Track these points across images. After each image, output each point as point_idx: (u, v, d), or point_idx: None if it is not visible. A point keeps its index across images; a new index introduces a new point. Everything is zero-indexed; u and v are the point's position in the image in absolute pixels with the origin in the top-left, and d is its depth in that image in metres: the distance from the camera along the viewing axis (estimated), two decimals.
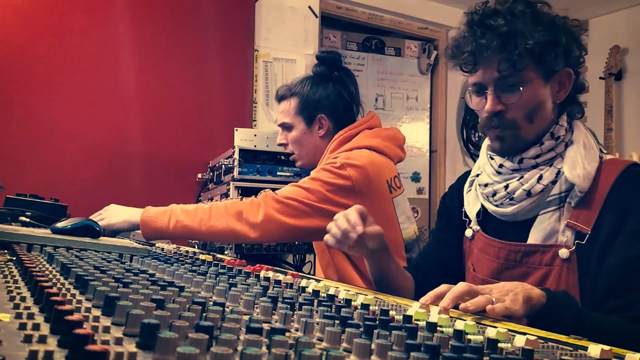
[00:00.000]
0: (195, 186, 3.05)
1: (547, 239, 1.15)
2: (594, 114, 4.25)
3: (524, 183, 1.18)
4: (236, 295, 0.68)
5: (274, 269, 1.10)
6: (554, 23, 1.17)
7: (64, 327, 0.40)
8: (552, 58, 1.15)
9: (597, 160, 1.17)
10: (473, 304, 0.84)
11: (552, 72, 1.18)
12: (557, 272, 1.13)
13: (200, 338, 0.39)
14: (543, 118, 1.19)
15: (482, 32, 1.16)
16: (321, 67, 1.93)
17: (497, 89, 1.18)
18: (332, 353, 0.41)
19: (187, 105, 3.10)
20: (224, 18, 3.24)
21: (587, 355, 0.59)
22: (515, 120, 1.18)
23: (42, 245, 1.11)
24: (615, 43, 4.08)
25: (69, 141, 2.79)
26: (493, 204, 1.24)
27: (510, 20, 1.15)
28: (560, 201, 1.16)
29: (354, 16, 4.11)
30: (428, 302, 0.86)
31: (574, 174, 1.13)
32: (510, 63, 1.14)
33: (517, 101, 1.16)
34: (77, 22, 2.84)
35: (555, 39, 1.15)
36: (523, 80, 1.15)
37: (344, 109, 1.91)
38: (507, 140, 1.20)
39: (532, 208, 1.18)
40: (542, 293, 0.95)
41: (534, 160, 1.19)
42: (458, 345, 0.51)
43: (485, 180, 1.26)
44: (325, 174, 1.66)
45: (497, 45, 1.14)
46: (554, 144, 1.19)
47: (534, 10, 1.17)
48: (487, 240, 1.26)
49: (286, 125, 1.94)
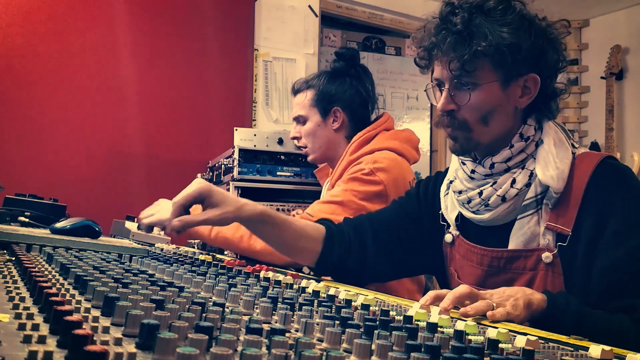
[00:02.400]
0: None
1: (528, 243, 1.13)
2: (595, 114, 4.25)
3: (497, 188, 1.14)
4: (236, 296, 0.67)
5: (273, 269, 1.10)
6: (525, 24, 1.12)
7: (64, 328, 0.40)
8: (514, 62, 1.10)
9: (569, 156, 1.13)
10: (473, 308, 0.83)
11: (514, 76, 1.13)
12: (542, 277, 1.11)
13: (200, 338, 0.39)
14: (500, 122, 1.15)
15: (439, 29, 1.14)
16: (340, 62, 1.96)
17: (451, 87, 1.15)
18: (332, 354, 0.40)
19: (187, 105, 3.10)
20: (223, 18, 3.23)
21: (588, 355, 0.59)
22: (467, 122, 1.15)
23: (41, 245, 1.11)
24: (616, 43, 4.07)
25: (69, 141, 2.79)
26: (469, 210, 1.21)
27: (469, 19, 1.10)
28: (537, 204, 1.13)
29: (354, 15, 4.10)
30: (428, 302, 0.86)
31: (547, 175, 1.10)
32: (461, 63, 1.11)
33: (468, 102, 1.13)
34: (77, 22, 2.84)
35: (517, 43, 1.09)
36: (476, 82, 1.12)
37: (360, 105, 1.93)
38: (459, 140, 1.18)
39: (509, 212, 1.15)
40: (543, 297, 0.94)
41: (506, 164, 1.15)
42: (458, 345, 0.51)
43: (459, 187, 1.23)
44: (356, 184, 1.66)
45: (450, 44, 1.11)
46: (524, 145, 1.15)
47: (505, 8, 1.12)
48: (469, 246, 1.23)
49: (301, 117, 1.96)
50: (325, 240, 1.30)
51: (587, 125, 4.33)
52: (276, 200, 2.44)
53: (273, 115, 3.41)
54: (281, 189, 2.47)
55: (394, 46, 4.47)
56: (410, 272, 1.57)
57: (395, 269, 1.37)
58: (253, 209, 1.20)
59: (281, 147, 2.47)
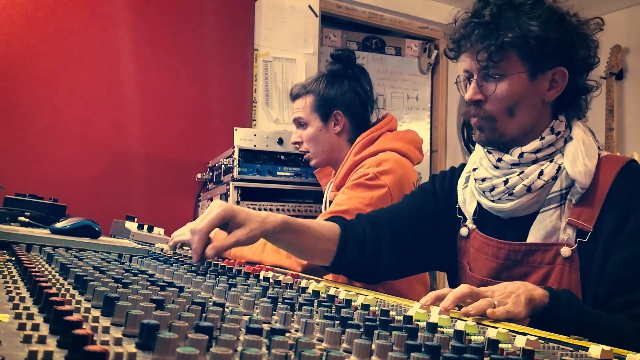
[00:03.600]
0: (195, 186, 3.05)
1: (548, 237, 1.14)
2: (595, 114, 4.24)
3: (524, 178, 1.16)
4: (236, 296, 0.67)
5: (273, 269, 1.10)
6: (555, 19, 1.14)
7: (64, 328, 0.40)
8: (541, 54, 1.12)
9: (596, 157, 1.15)
10: (474, 307, 0.84)
11: (541, 69, 1.14)
12: (559, 271, 1.12)
13: (200, 338, 0.39)
14: (526, 114, 1.17)
15: (468, 21, 1.17)
16: (336, 64, 1.95)
17: (480, 78, 1.17)
18: (332, 354, 0.40)
19: (187, 105, 3.10)
20: (223, 17, 3.23)
21: (588, 355, 0.59)
22: (493, 112, 1.17)
23: (41, 245, 1.11)
24: (616, 43, 4.07)
25: (69, 141, 2.79)
26: (490, 199, 1.21)
27: (497, 12, 1.13)
28: (561, 198, 1.14)
29: (354, 15, 4.10)
30: (428, 302, 0.86)
31: (575, 170, 1.12)
32: (488, 54, 1.13)
33: (494, 92, 1.16)
34: (77, 22, 2.84)
35: (545, 35, 1.11)
36: (503, 73, 1.14)
37: (359, 106, 1.92)
38: (485, 131, 1.20)
39: (532, 204, 1.16)
40: (545, 293, 0.94)
41: (535, 155, 1.17)
42: (458, 345, 0.51)
43: (482, 174, 1.23)
44: (360, 190, 1.66)
45: (478, 35, 1.14)
46: (554, 139, 1.17)
47: (535, 2, 1.14)
48: (485, 239, 1.23)
49: (301, 121, 1.95)
50: (340, 239, 1.29)
51: (587, 125, 4.33)
52: (276, 200, 2.44)
53: (273, 115, 3.41)
54: (281, 189, 2.47)
55: (394, 46, 4.47)
56: (421, 268, 1.56)
57: (408, 264, 1.37)
58: (275, 220, 1.17)
59: (281, 147, 2.47)
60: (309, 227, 1.25)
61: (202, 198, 2.96)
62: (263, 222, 1.14)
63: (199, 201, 3.01)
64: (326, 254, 1.28)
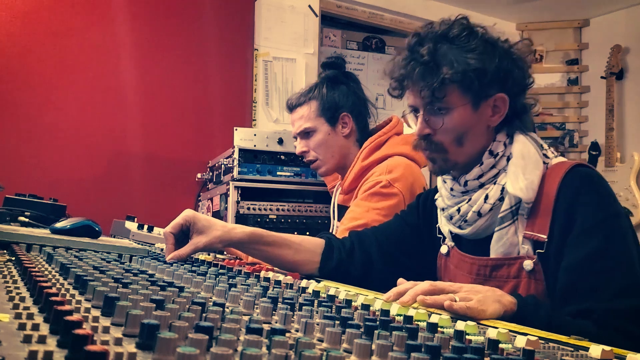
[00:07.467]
0: (195, 186, 3.05)
1: (508, 252, 1.15)
2: (595, 114, 4.25)
3: (472, 205, 1.19)
4: (236, 296, 0.67)
5: (274, 269, 1.10)
6: (489, 48, 1.17)
7: (64, 328, 0.40)
8: (481, 85, 1.15)
9: (540, 167, 1.16)
10: (432, 298, 0.86)
11: (483, 98, 1.18)
12: (525, 284, 1.13)
13: (200, 338, 0.39)
14: (474, 142, 1.20)
15: (407, 60, 1.21)
16: (332, 70, 1.95)
17: (426, 113, 1.21)
18: (333, 354, 0.40)
19: (187, 105, 3.10)
20: (223, 17, 3.23)
21: (588, 355, 0.59)
22: (443, 144, 1.20)
23: (41, 245, 1.11)
24: (616, 43, 4.08)
25: (69, 141, 2.79)
26: (454, 225, 1.25)
27: (434, 48, 1.17)
28: (512, 215, 1.15)
29: (354, 15, 4.10)
30: (390, 299, 0.88)
31: (516, 187, 1.13)
32: (431, 91, 1.16)
33: (442, 126, 1.19)
34: (77, 22, 2.84)
35: (483, 67, 1.15)
36: (447, 106, 1.17)
37: (363, 108, 1.94)
38: (437, 162, 1.24)
39: (488, 226, 1.18)
40: (513, 300, 0.95)
41: (478, 181, 1.20)
42: (459, 345, 0.51)
43: (441, 204, 1.29)
44: (376, 200, 1.67)
45: (419, 74, 1.17)
46: (493, 162, 1.19)
47: (469, 34, 1.18)
48: (461, 256, 1.26)
49: (307, 130, 1.93)
50: (324, 249, 1.35)
51: (587, 125, 4.33)
52: (276, 200, 2.44)
53: (273, 115, 3.41)
54: (281, 189, 2.47)
55: (394, 46, 4.47)
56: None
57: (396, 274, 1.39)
58: (242, 232, 1.25)
59: (281, 147, 2.47)
60: (286, 240, 1.31)
61: (202, 198, 2.96)
62: (227, 233, 1.23)
63: (199, 201, 3.01)
64: (309, 264, 1.34)
